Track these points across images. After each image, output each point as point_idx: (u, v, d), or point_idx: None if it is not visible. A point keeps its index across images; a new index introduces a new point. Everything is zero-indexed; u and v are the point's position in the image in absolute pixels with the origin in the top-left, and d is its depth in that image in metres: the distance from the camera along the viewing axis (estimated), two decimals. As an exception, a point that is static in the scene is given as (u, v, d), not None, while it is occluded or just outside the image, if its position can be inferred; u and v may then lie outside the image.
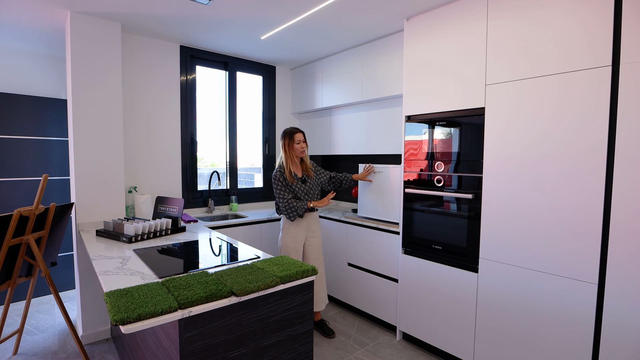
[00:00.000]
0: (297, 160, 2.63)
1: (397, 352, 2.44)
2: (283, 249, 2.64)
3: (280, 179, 2.56)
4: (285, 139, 2.61)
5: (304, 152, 2.62)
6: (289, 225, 2.62)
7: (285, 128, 2.68)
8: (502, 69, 1.97)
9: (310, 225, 2.66)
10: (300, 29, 2.67)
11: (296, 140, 2.58)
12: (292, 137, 2.59)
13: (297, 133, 2.61)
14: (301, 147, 2.60)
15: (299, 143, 2.59)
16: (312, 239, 2.68)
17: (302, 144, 2.61)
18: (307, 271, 1.53)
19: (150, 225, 2.23)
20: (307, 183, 2.62)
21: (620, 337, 1.59)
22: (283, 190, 2.55)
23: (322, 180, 2.77)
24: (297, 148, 2.58)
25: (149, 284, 1.35)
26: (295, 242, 2.61)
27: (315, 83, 3.53)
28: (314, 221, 2.70)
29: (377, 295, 2.78)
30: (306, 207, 2.53)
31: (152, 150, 2.96)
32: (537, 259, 1.85)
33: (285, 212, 2.55)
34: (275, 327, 1.45)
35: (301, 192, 2.58)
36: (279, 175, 2.56)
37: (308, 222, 2.64)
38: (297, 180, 2.59)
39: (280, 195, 2.56)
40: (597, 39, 1.63)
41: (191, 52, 3.12)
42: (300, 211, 2.52)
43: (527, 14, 1.86)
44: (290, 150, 2.58)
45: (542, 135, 1.81)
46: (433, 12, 2.29)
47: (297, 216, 2.53)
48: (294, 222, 2.58)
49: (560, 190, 1.75)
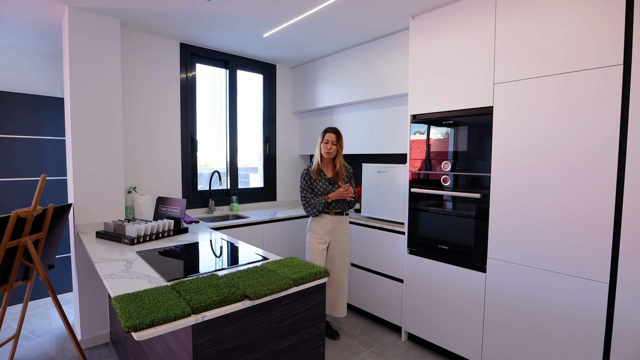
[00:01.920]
0: (326, 160, 2.55)
1: (403, 353, 2.42)
2: (308, 248, 2.56)
3: (304, 176, 2.52)
4: (320, 136, 2.54)
5: (329, 154, 2.48)
6: (313, 225, 2.55)
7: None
8: (510, 67, 1.95)
9: (335, 228, 2.52)
10: (304, 26, 2.64)
11: (325, 139, 2.48)
12: (323, 135, 2.50)
13: (329, 132, 2.49)
14: (327, 148, 2.46)
15: (326, 143, 2.47)
16: (336, 243, 2.54)
17: (331, 145, 2.46)
18: (320, 273, 1.50)
19: (152, 227, 2.18)
20: (334, 186, 2.52)
21: (632, 336, 1.59)
22: (305, 189, 2.50)
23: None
24: (323, 147, 2.49)
25: (158, 287, 1.31)
26: (319, 242, 2.51)
27: (317, 82, 3.50)
28: (339, 225, 2.55)
29: (381, 296, 2.76)
30: (323, 201, 2.45)
31: (151, 150, 2.90)
32: (546, 258, 1.84)
33: (304, 209, 2.51)
34: (287, 331, 1.41)
35: (326, 192, 2.50)
36: (305, 172, 2.53)
37: (333, 225, 2.52)
38: (323, 179, 2.51)
39: (301, 193, 2.52)
40: (608, 37, 1.62)
41: (191, 50, 3.06)
42: (318, 206, 2.44)
43: (535, 12, 1.85)
44: (320, 149, 2.52)
45: (551, 133, 1.80)
46: (440, 10, 2.27)
47: (316, 212, 2.46)
48: (317, 223, 2.51)
49: (570, 189, 1.74)
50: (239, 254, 1.90)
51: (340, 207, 2.53)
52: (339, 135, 2.50)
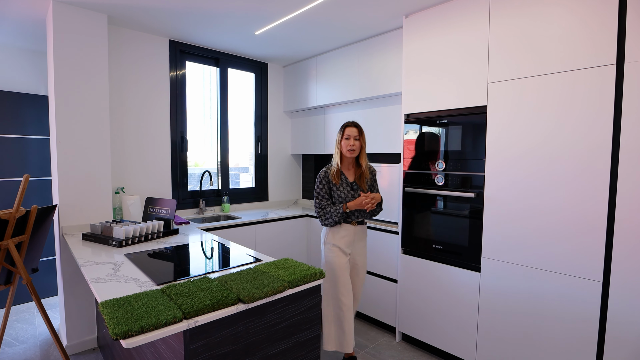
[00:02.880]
0: (347, 160, 2.15)
1: (398, 354, 2.40)
2: (328, 267, 2.13)
3: (321, 179, 2.14)
4: (339, 132, 2.16)
5: (353, 152, 2.09)
6: (330, 236, 2.14)
7: None
8: (504, 67, 1.95)
9: (356, 239, 2.16)
10: (296, 24, 2.60)
11: (345, 134, 2.10)
12: (342, 130, 2.12)
13: (349, 127, 2.10)
14: (349, 144, 2.08)
15: (347, 139, 2.08)
16: (357, 257, 2.18)
17: (353, 141, 2.08)
18: (315, 274, 1.47)
19: (141, 228, 2.12)
20: (357, 190, 2.14)
21: (625, 334, 1.60)
22: (321, 194, 2.12)
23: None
24: (344, 144, 2.10)
25: (148, 291, 1.26)
26: (340, 257, 2.11)
27: (309, 81, 3.46)
28: (360, 236, 2.18)
29: (375, 296, 2.74)
30: (341, 211, 2.05)
31: (140, 149, 2.83)
32: (541, 257, 1.84)
33: (319, 218, 2.13)
34: (282, 334, 1.38)
35: (348, 199, 2.11)
36: (322, 174, 2.14)
37: (354, 234, 2.14)
38: (344, 183, 2.12)
39: (315, 198, 2.14)
40: (601, 37, 1.62)
41: (181, 47, 3.00)
42: (335, 216, 2.05)
43: (529, 11, 1.85)
44: (340, 147, 2.12)
45: (545, 133, 1.81)
46: (433, 9, 2.26)
47: (333, 222, 2.08)
48: (336, 234, 2.12)
49: (564, 188, 1.75)
50: (231, 256, 1.86)
51: (362, 214, 2.15)
52: (361, 129, 2.12)
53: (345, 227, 2.13)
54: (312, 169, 3.90)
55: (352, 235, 2.14)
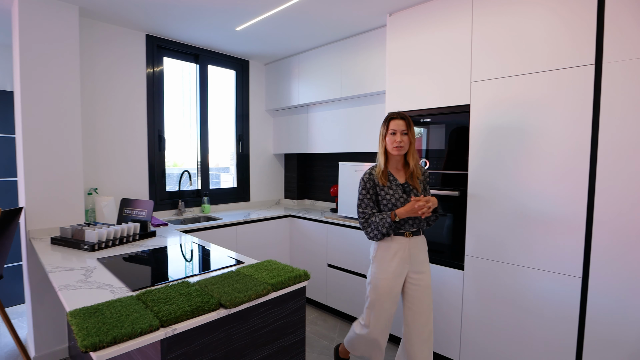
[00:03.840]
0: (395, 159, 1.82)
1: (382, 354, 2.39)
2: (373, 289, 1.81)
3: (364, 183, 1.80)
4: (381, 127, 1.83)
5: (400, 149, 1.75)
6: (381, 254, 1.80)
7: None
8: (487, 66, 1.96)
9: (413, 254, 1.79)
10: (279, 20, 2.55)
11: (391, 128, 1.76)
12: (387, 124, 1.79)
13: (395, 119, 1.77)
14: (396, 140, 1.74)
15: (393, 134, 1.75)
16: (418, 275, 1.79)
17: (400, 136, 1.74)
18: (300, 276, 1.42)
19: (115, 231, 2.01)
20: (410, 193, 1.79)
21: (603, 326, 1.63)
22: (364, 201, 1.80)
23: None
24: (389, 141, 1.77)
25: (122, 298, 1.18)
26: (391, 280, 1.76)
27: (292, 79, 3.41)
28: (418, 249, 1.80)
29: (359, 296, 2.72)
30: (389, 220, 1.71)
31: (114, 149, 2.70)
32: (523, 254, 1.86)
33: (364, 230, 1.82)
34: (266, 339, 1.32)
35: (399, 205, 1.76)
36: (366, 177, 1.81)
37: (409, 248, 1.78)
38: (394, 185, 1.79)
39: (359, 207, 1.81)
40: (581, 37, 1.65)
41: (158, 42, 2.89)
42: (382, 227, 1.72)
43: (511, 11, 1.87)
44: (385, 144, 1.80)
45: (526, 132, 1.83)
46: (417, 8, 2.25)
47: (380, 234, 1.75)
48: (386, 249, 1.78)
49: (546, 186, 1.77)
50: (212, 258, 1.79)
51: (417, 223, 1.80)
52: (409, 121, 1.77)
53: (398, 241, 1.77)
54: (294, 169, 3.84)
55: (406, 249, 1.77)
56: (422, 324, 1.78)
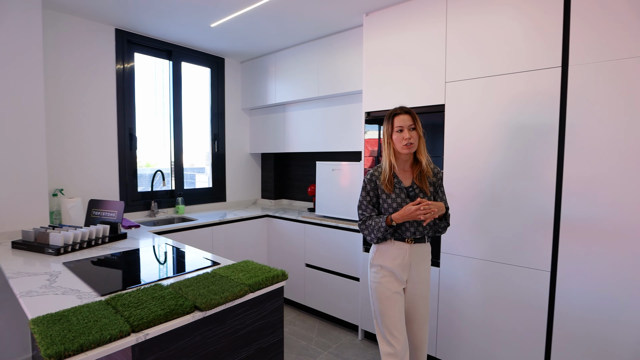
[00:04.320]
0: (402, 159, 1.64)
1: (361, 352, 2.40)
2: (373, 291, 1.68)
3: (365, 184, 1.67)
4: (384, 125, 1.66)
5: (410, 147, 1.58)
6: (378, 257, 1.66)
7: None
8: (461, 67, 2.01)
9: (414, 263, 1.63)
10: (255, 17, 2.51)
11: (396, 125, 1.59)
12: (391, 121, 1.62)
13: (400, 115, 1.60)
14: (404, 137, 1.57)
15: (400, 131, 1.58)
16: (415, 286, 1.65)
17: (407, 132, 1.57)
18: (277, 276, 1.40)
19: (83, 233, 1.92)
20: (415, 198, 1.59)
21: (571, 317, 1.70)
22: (364, 203, 1.67)
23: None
24: (397, 139, 1.59)
25: (90, 304, 1.12)
26: (392, 282, 1.63)
27: (268, 77, 3.38)
28: (419, 258, 1.65)
29: (337, 296, 2.72)
30: (384, 224, 1.56)
31: (82, 148, 2.57)
32: (495, 250, 1.92)
33: (362, 233, 1.70)
34: (244, 341, 1.30)
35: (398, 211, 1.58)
36: (367, 178, 1.67)
37: (410, 257, 1.62)
38: (398, 189, 1.62)
39: (359, 208, 1.70)
40: (549, 41, 1.72)
41: (129, 37, 2.78)
42: (378, 231, 1.58)
43: (483, 14, 1.92)
44: (391, 143, 1.62)
45: (498, 131, 1.89)
46: (393, 8, 2.28)
47: (375, 238, 1.62)
48: (385, 253, 1.64)
49: (517, 183, 1.83)
50: (187, 260, 1.74)
51: (422, 230, 1.62)
52: (414, 115, 1.61)
53: (398, 246, 1.62)
54: (271, 169, 3.81)
55: (406, 256, 1.62)
56: (415, 333, 1.70)
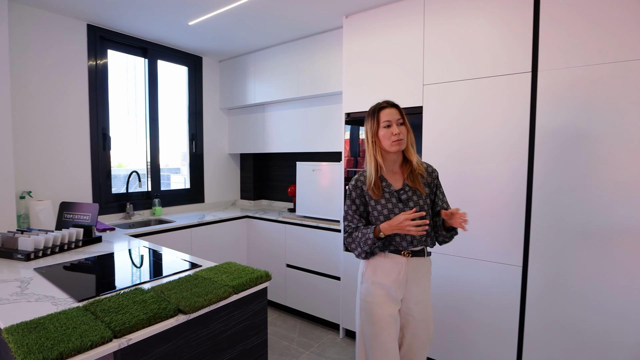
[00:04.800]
0: (390, 159, 1.47)
1: (342, 350, 2.43)
2: (364, 313, 1.46)
3: (350, 191, 1.48)
4: (367, 122, 1.46)
5: (400, 143, 1.40)
6: (371, 272, 1.45)
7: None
8: (437, 70, 2.08)
9: (412, 279, 1.42)
10: (235, 16, 2.49)
11: (383, 120, 1.41)
12: (376, 117, 1.43)
13: (386, 108, 1.42)
14: (394, 133, 1.39)
15: (388, 126, 1.40)
16: (415, 306, 1.44)
17: (396, 127, 1.40)
18: (261, 277, 1.40)
19: (55, 237, 1.84)
20: (409, 202, 1.42)
21: (542, 310, 1.80)
22: (349, 212, 1.48)
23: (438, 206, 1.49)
24: (384, 136, 1.41)
25: (67, 310, 1.09)
26: (385, 305, 1.42)
27: (247, 77, 3.35)
28: (418, 274, 1.43)
29: (318, 295, 2.74)
30: (372, 236, 1.37)
31: (52, 148, 2.46)
32: (471, 247, 1.99)
33: (348, 247, 1.49)
34: (227, 343, 1.29)
35: (390, 218, 1.40)
36: (352, 185, 1.48)
37: (407, 272, 1.41)
38: (387, 194, 1.44)
39: (344, 218, 1.50)
40: (520, 47, 1.81)
41: (102, 34, 2.68)
42: (365, 245, 1.39)
43: (458, 20, 1.99)
44: (377, 141, 1.43)
45: (473, 133, 1.96)
46: (372, 11, 2.32)
47: (364, 253, 1.41)
48: (377, 267, 1.43)
49: (490, 182, 1.92)
50: (167, 263, 1.70)
51: (422, 241, 1.43)
52: (402, 110, 1.45)
53: (393, 260, 1.42)
54: (250, 169, 3.78)
55: (402, 272, 1.41)
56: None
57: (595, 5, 1.61)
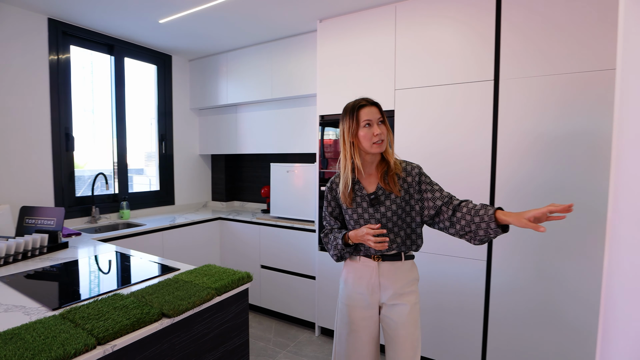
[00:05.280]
0: (369, 160, 1.38)
1: (319, 348, 2.48)
2: (339, 314, 1.46)
3: (326, 193, 1.47)
4: (344, 121, 1.36)
5: (382, 144, 1.33)
6: (346, 275, 1.44)
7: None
8: (408, 76, 2.18)
9: (385, 284, 1.36)
10: (209, 16, 2.46)
11: (363, 119, 1.32)
12: (355, 116, 1.33)
13: (366, 107, 1.34)
14: (375, 133, 1.31)
15: (368, 125, 1.32)
16: (392, 309, 1.36)
17: (376, 127, 1.32)
18: (243, 278, 1.42)
19: (17, 244, 1.74)
20: (380, 207, 1.35)
21: (504, 299, 1.94)
22: (326, 213, 1.47)
23: (426, 206, 1.34)
24: (365, 136, 1.32)
25: (42, 320, 1.05)
26: (358, 309, 1.39)
27: (219, 77, 3.31)
28: (396, 278, 1.36)
29: (293, 295, 2.77)
30: (341, 241, 1.36)
31: (9, 148, 2.31)
32: (441, 244, 2.11)
33: (325, 247, 1.50)
34: (210, 346, 1.30)
35: (362, 222, 1.37)
36: (328, 187, 1.46)
37: (379, 276, 1.36)
38: (360, 197, 1.37)
39: (323, 218, 1.51)
40: (484, 56, 1.94)
41: (64, 29, 2.55)
42: (334, 248, 1.39)
43: (427, 30, 2.10)
44: (356, 142, 1.34)
45: (442, 137, 2.08)
46: (346, 17, 2.38)
47: (335, 257, 1.41)
48: (352, 270, 1.42)
49: (456, 184, 2.04)
50: (142, 267, 1.67)
51: (398, 245, 1.36)
52: (382, 110, 1.37)
53: (365, 264, 1.38)
54: (222, 170, 3.73)
55: (372, 277, 1.36)
56: None
57: (551, 21, 1.77)
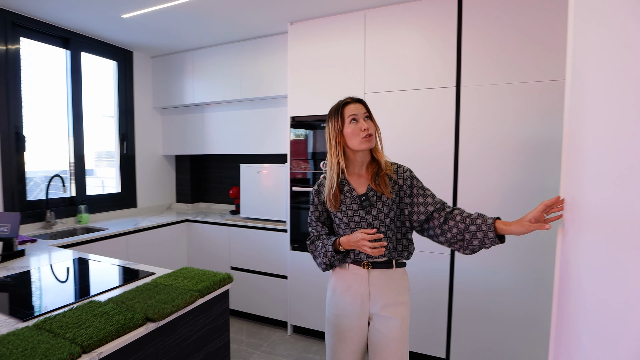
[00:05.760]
0: (358, 159, 1.31)
1: (291, 346, 2.51)
2: (326, 324, 1.39)
3: (312, 197, 1.40)
4: (329, 121, 1.31)
5: (371, 139, 1.25)
6: (334, 283, 1.37)
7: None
8: (377, 80, 2.28)
9: (375, 293, 1.29)
10: (177, 13, 2.39)
11: (348, 115, 1.26)
12: (340, 113, 1.28)
13: (351, 104, 1.28)
14: (362, 128, 1.24)
15: (354, 121, 1.26)
16: (382, 321, 1.29)
17: (362, 122, 1.25)
18: (224, 279, 1.43)
19: (-32, 253, 1.60)
20: (371, 209, 1.28)
21: (464, 288, 2.10)
22: (312, 218, 1.40)
23: (416, 211, 1.28)
24: (352, 132, 1.25)
25: (16, 331, 0.99)
26: (346, 319, 1.32)
27: (184, 76, 3.22)
28: (388, 287, 1.29)
29: (265, 295, 2.78)
30: (330, 248, 1.28)
31: (-51, 148, 2.10)
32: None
33: (311, 254, 1.40)
34: (193, 348, 1.29)
35: (354, 226, 1.29)
36: (315, 191, 1.39)
37: (369, 285, 1.29)
38: (350, 199, 1.30)
39: (309, 224, 1.42)
40: (447, 63, 2.09)
41: (13, 19, 2.36)
42: (323, 256, 1.31)
43: (393, 34, 2.21)
44: (341, 141, 1.29)
45: (409, 140, 2.20)
46: (316, 21, 2.44)
47: (324, 265, 1.33)
48: (340, 279, 1.34)
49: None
50: (112, 273, 1.61)
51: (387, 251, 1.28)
52: (367, 106, 1.31)
53: (354, 271, 1.31)
54: (187, 171, 3.63)
55: (362, 285, 1.29)
56: None
57: (511, 31, 1.95)
